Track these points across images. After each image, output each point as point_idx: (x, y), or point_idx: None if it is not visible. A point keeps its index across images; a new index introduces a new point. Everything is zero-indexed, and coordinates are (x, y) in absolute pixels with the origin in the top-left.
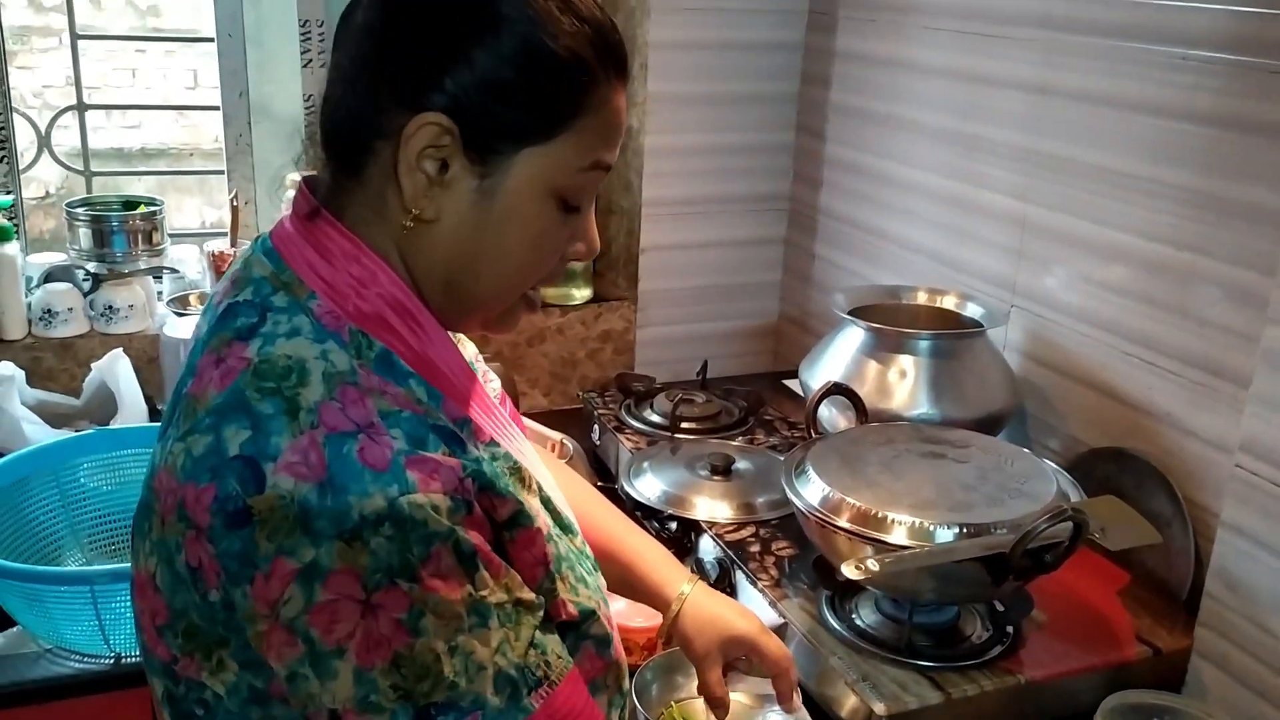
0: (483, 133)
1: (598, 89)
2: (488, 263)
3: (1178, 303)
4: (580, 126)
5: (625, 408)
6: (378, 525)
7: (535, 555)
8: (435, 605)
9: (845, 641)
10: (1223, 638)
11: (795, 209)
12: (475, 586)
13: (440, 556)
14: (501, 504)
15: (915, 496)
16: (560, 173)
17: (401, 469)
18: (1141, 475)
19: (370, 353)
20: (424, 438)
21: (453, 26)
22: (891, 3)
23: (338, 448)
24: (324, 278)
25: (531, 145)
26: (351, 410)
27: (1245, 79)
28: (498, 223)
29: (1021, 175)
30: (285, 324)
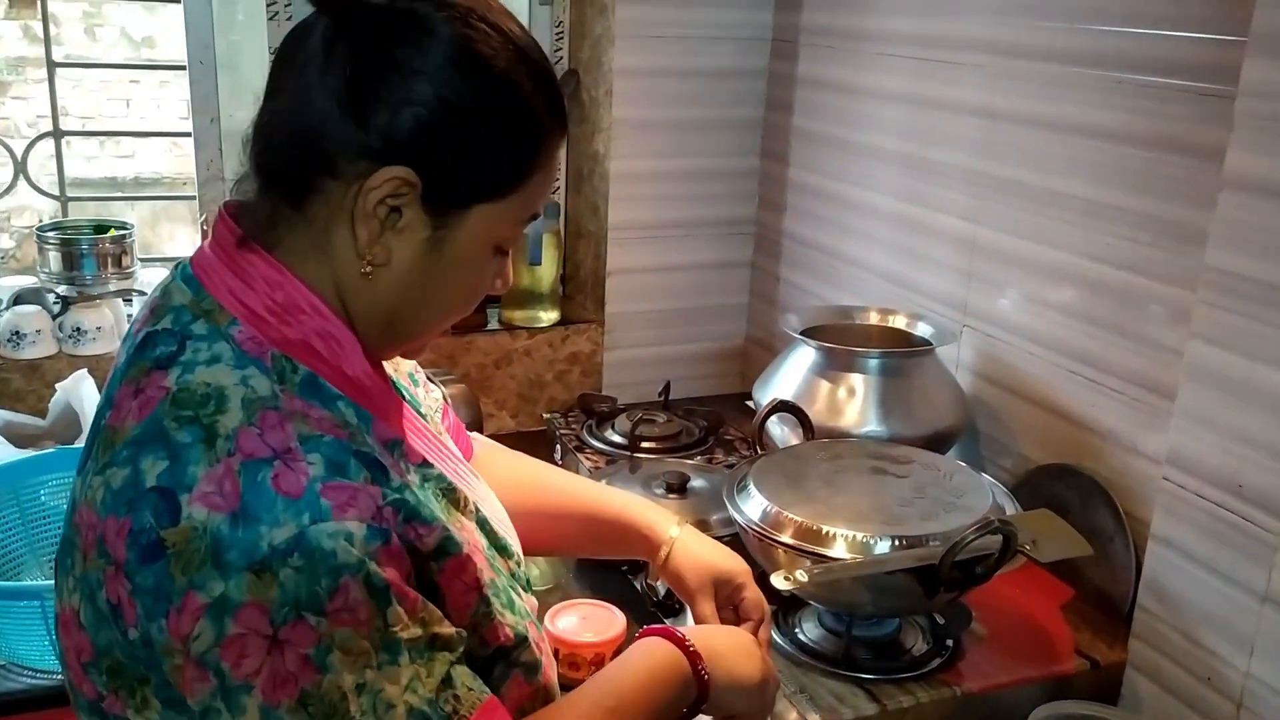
0: (443, 189)
1: (549, 146)
2: (429, 305)
3: (1117, 321)
4: (529, 185)
5: (587, 428)
6: (287, 556)
7: (467, 581)
8: (343, 641)
9: (786, 655)
10: (1155, 650)
11: (761, 233)
12: (387, 621)
13: (349, 590)
14: (427, 532)
15: (852, 510)
16: (506, 225)
17: (316, 496)
18: (1086, 492)
19: (295, 377)
20: (344, 463)
21: (418, 75)
22: (848, 29)
23: (252, 475)
24: (246, 304)
25: (487, 203)
26: (270, 436)
27: (1176, 101)
28: (444, 271)
29: (971, 198)
30: (205, 351)
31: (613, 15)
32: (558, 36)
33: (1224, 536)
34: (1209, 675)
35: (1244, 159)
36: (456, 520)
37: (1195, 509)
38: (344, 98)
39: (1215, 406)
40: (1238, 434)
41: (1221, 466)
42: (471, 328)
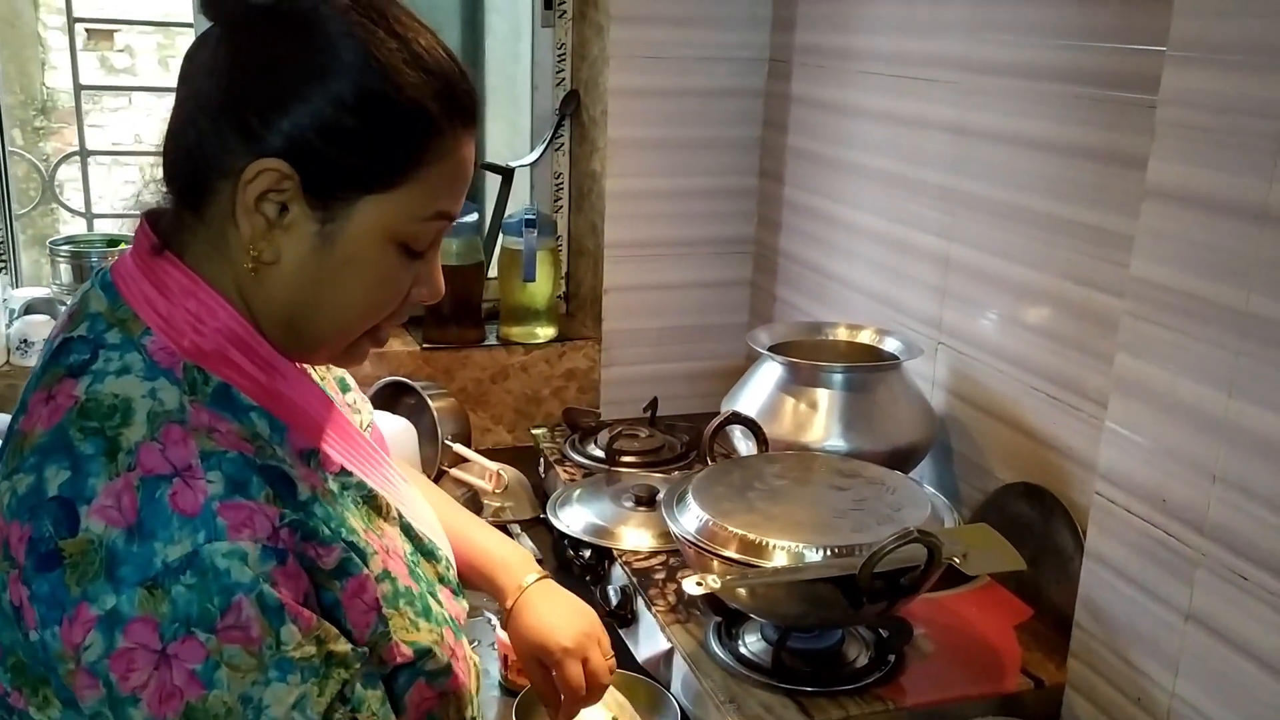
0: (323, 179)
1: (442, 140)
2: (327, 305)
3: (1076, 338)
4: (423, 176)
5: (570, 443)
6: (180, 573)
7: (366, 601)
8: (231, 658)
9: (724, 666)
10: (1090, 669)
11: (759, 251)
12: (279, 640)
13: (241, 608)
14: (326, 552)
15: (786, 521)
16: (402, 221)
17: (213, 515)
18: (1049, 510)
19: (206, 388)
20: (246, 481)
21: (294, 71)
22: (836, 49)
23: (151, 492)
24: (161, 314)
25: (373, 194)
26: (172, 451)
27: (1129, 114)
28: (338, 267)
29: (945, 214)
30: (116, 361)
31: (608, 36)
32: (559, 58)
33: (1150, 552)
34: (1139, 696)
35: (1164, 168)
36: (377, 528)
37: (1124, 524)
38: (226, 97)
39: (1140, 420)
40: (1162, 448)
41: (1147, 481)
42: (468, 343)
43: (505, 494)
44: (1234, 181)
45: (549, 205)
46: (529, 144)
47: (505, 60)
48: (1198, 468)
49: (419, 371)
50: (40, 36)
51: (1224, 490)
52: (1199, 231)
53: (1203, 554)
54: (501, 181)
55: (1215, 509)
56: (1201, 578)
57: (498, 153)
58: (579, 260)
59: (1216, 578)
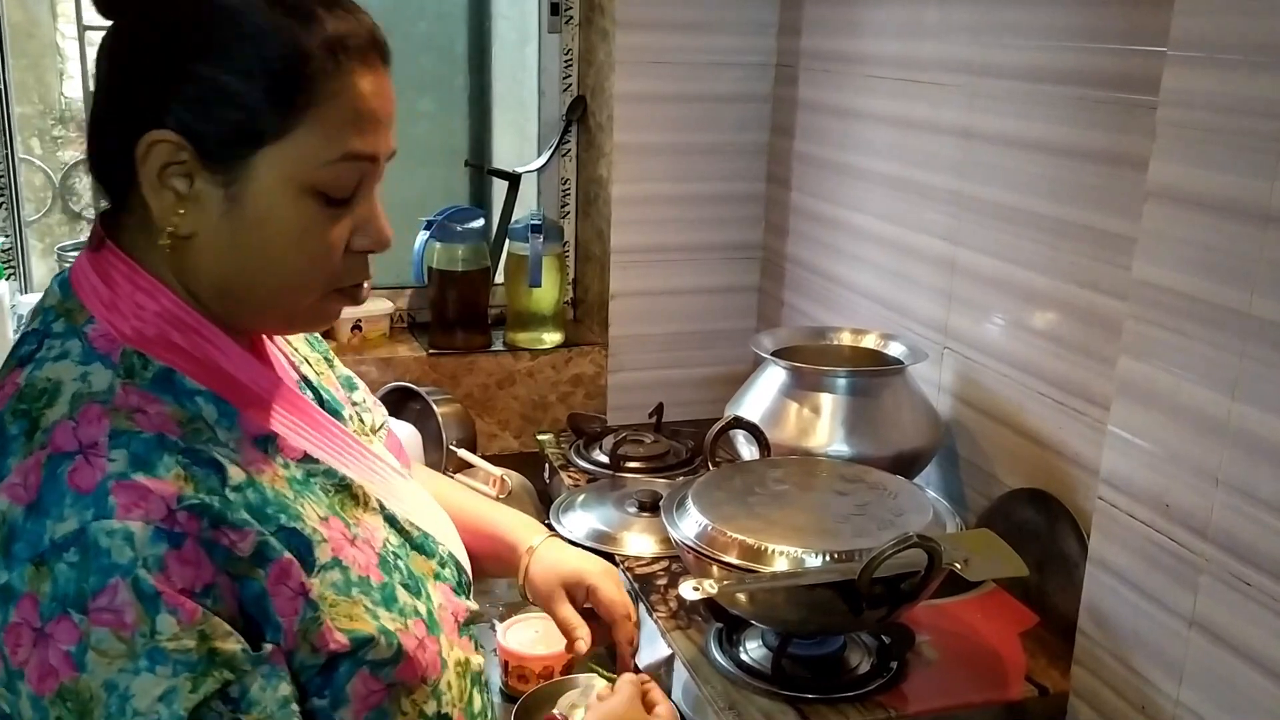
0: (213, 141)
1: (329, 80)
2: (256, 268)
3: (1082, 342)
4: (314, 118)
5: (575, 448)
6: (63, 550)
7: (291, 587)
8: (99, 641)
9: (724, 673)
10: (1094, 676)
11: (767, 257)
12: (154, 629)
13: (116, 591)
14: (240, 537)
15: (786, 526)
16: (306, 167)
17: (105, 493)
18: (1055, 517)
19: (146, 373)
20: (153, 461)
21: (171, 40)
22: (843, 53)
23: (54, 469)
24: (104, 302)
25: (266, 146)
26: (83, 430)
27: (1134, 116)
28: (254, 228)
29: (950, 218)
30: (57, 349)
31: (614, 42)
32: (566, 64)
33: (1153, 558)
34: (1143, 704)
35: (1166, 169)
36: (351, 516)
37: (1127, 530)
38: (119, 82)
39: (1143, 424)
40: (1165, 452)
41: (1150, 485)
42: (474, 349)
43: (509, 499)
44: (1236, 182)
45: (556, 211)
46: (536, 150)
47: (512, 66)
48: (1201, 472)
49: (425, 377)
50: (58, 46)
51: (1227, 494)
52: (1201, 233)
53: (1206, 559)
54: (508, 187)
55: (1218, 513)
56: (1205, 583)
57: (504, 159)
58: (586, 266)
59: (1220, 583)
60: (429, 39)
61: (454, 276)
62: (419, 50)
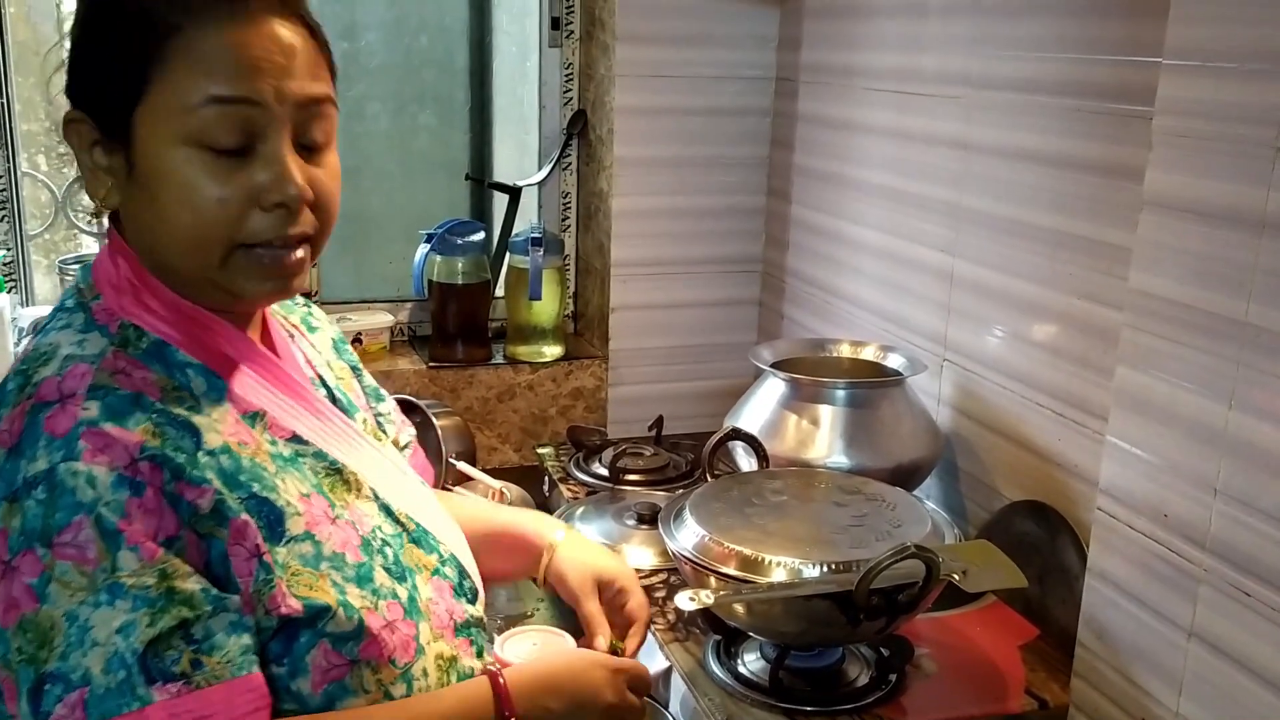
0: (98, 110)
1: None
2: (161, 226)
3: (1080, 353)
4: (171, 69)
5: (575, 461)
6: (33, 488)
7: (247, 548)
8: (63, 574)
9: (722, 685)
10: (1094, 689)
11: (767, 270)
12: (115, 564)
13: (81, 527)
14: (198, 494)
15: (784, 537)
16: (174, 118)
17: (75, 438)
18: (1055, 529)
19: (140, 344)
20: (125, 413)
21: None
22: (842, 66)
23: (35, 415)
24: (111, 283)
25: (139, 105)
26: (67, 382)
27: (1130, 127)
28: (150, 186)
29: (948, 230)
30: (64, 320)
31: (614, 56)
32: (567, 78)
33: (1152, 569)
34: (1143, 716)
35: (1161, 178)
36: (339, 498)
37: (1126, 540)
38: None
39: (1141, 433)
40: (1162, 461)
41: (1148, 495)
42: (475, 362)
43: None
44: (1231, 190)
45: (557, 224)
46: (536, 163)
47: (513, 80)
48: (1198, 481)
49: (425, 390)
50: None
51: (1225, 504)
52: (1197, 241)
53: (1205, 569)
54: (509, 201)
55: (1217, 523)
56: (1204, 594)
57: (505, 172)
58: (586, 279)
59: (1219, 594)
60: (430, 53)
61: (454, 289)
62: (420, 64)
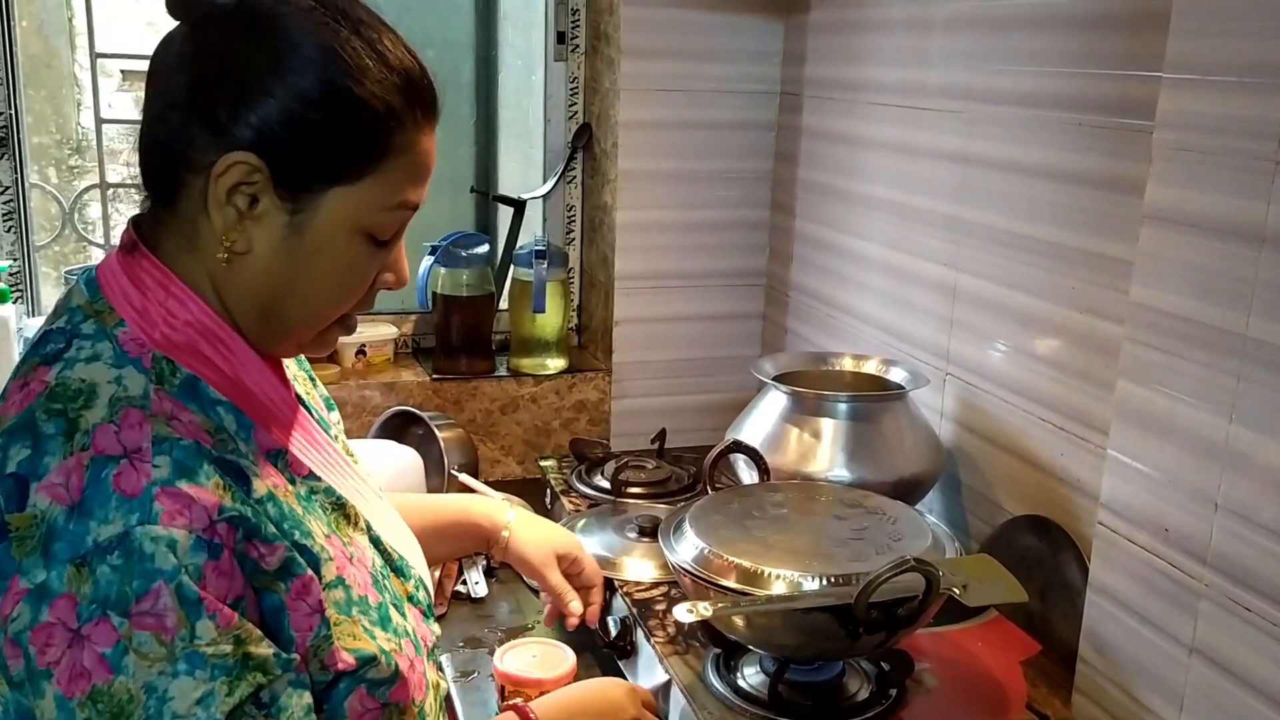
0: (292, 172)
1: (405, 133)
2: (298, 293)
3: (1082, 368)
4: (388, 168)
5: (577, 473)
6: (108, 553)
7: (310, 604)
8: (141, 644)
9: (721, 699)
10: (1095, 705)
11: (771, 284)
12: (194, 633)
13: (159, 595)
14: (269, 551)
15: (784, 550)
16: (368, 212)
17: (151, 499)
18: (1057, 544)
19: (174, 379)
20: (194, 468)
21: (258, 67)
22: (844, 80)
23: (98, 471)
24: (135, 306)
25: (341, 185)
26: (126, 434)
27: (1133, 141)
28: (307, 256)
29: (951, 244)
30: (88, 349)
31: (619, 70)
32: (572, 92)
33: (1153, 584)
34: None
35: (1162, 191)
36: (345, 535)
37: (1127, 555)
38: (193, 94)
39: (1141, 447)
40: (1163, 476)
41: (1149, 510)
42: (478, 374)
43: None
44: (1232, 203)
45: (561, 238)
46: (541, 176)
47: (518, 94)
48: (1199, 496)
49: (428, 402)
50: (75, 77)
51: (1226, 518)
52: (1198, 255)
53: (1205, 585)
54: (514, 213)
55: (1218, 538)
56: (1205, 609)
57: (510, 185)
58: (590, 292)
59: (1220, 609)
60: (436, 66)
61: (458, 302)
62: None
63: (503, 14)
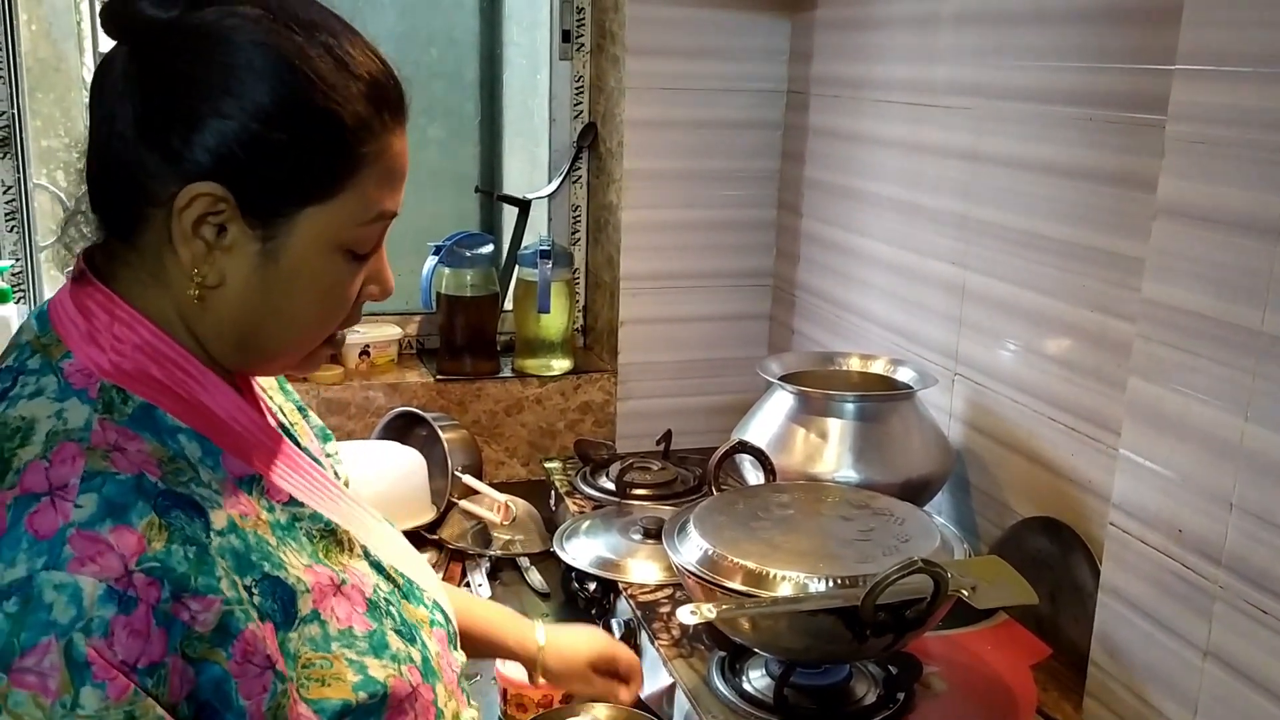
0: (258, 196)
1: (375, 141)
2: (280, 319)
3: (1093, 367)
4: (361, 180)
5: (581, 475)
6: (6, 597)
7: (257, 663)
8: (17, 704)
9: (726, 702)
10: (1107, 709)
11: (777, 284)
12: (77, 700)
13: (47, 651)
14: (203, 607)
15: (790, 552)
16: (345, 228)
17: (63, 541)
18: (1068, 546)
19: (125, 408)
20: (126, 506)
21: (207, 86)
22: (851, 78)
23: (19, 511)
24: (82, 335)
25: (313, 204)
26: (56, 470)
27: (1143, 136)
28: (285, 281)
29: (960, 242)
30: (32, 385)
31: (625, 69)
32: (577, 91)
33: (1166, 586)
34: None
35: (1175, 185)
36: (336, 563)
37: (1139, 557)
38: (141, 122)
39: (1154, 447)
40: (1177, 475)
41: (1162, 510)
42: (483, 375)
43: (515, 526)
44: (1246, 196)
45: (566, 238)
46: (546, 176)
47: (523, 93)
48: (1213, 496)
49: (432, 403)
50: (84, 80)
51: (1241, 518)
52: (1211, 249)
53: (1220, 586)
54: (519, 213)
55: (1233, 538)
56: (1220, 611)
57: (515, 185)
58: (596, 293)
59: (1235, 611)
60: (440, 66)
61: (463, 302)
62: (430, 77)
63: (507, 12)
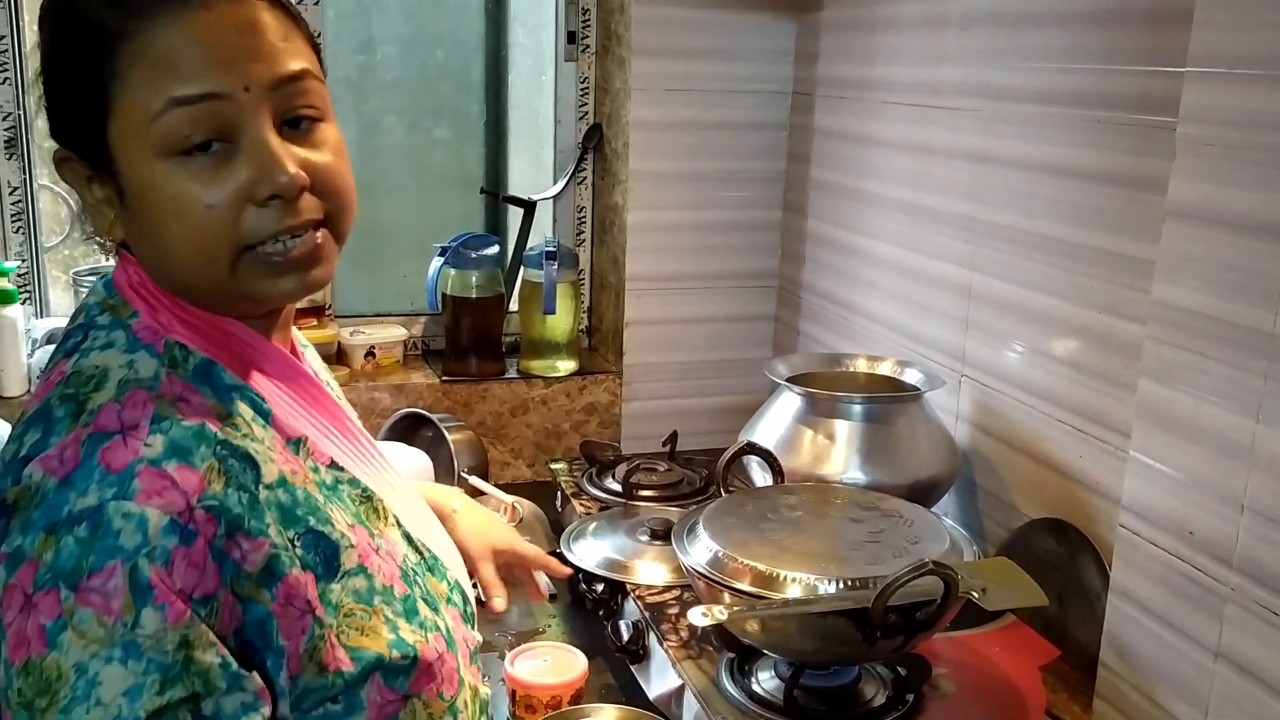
0: (78, 143)
1: (129, 41)
2: (163, 246)
3: (1102, 369)
4: (127, 80)
5: (588, 476)
6: (76, 524)
7: (298, 605)
8: (81, 621)
9: (736, 704)
10: (1117, 711)
11: (783, 285)
12: (138, 620)
13: (113, 574)
14: (253, 547)
15: (799, 554)
16: (142, 132)
17: (133, 475)
18: (1076, 547)
19: (187, 364)
20: (190, 450)
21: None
22: (857, 79)
23: (93, 446)
24: (143, 296)
25: (107, 124)
26: (128, 412)
27: (1152, 138)
28: (143, 209)
29: (967, 244)
30: (103, 338)
31: (630, 70)
32: (582, 92)
33: (1177, 587)
34: None
35: (1186, 187)
36: (375, 528)
37: (1149, 558)
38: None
39: (1164, 448)
40: (1187, 477)
41: (1172, 512)
42: (488, 376)
43: (520, 527)
44: (1257, 198)
45: (571, 239)
46: (552, 177)
47: (528, 94)
48: (1224, 497)
49: (438, 404)
50: None
51: (1252, 520)
52: (1222, 251)
53: (1231, 588)
54: (524, 214)
55: (1244, 540)
56: (1231, 613)
57: (520, 186)
58: (601, 294)
59: (1247, 613)
60: (446, 67)
61: (468, 303)
62: (436, 78)
63: (513, 14)
